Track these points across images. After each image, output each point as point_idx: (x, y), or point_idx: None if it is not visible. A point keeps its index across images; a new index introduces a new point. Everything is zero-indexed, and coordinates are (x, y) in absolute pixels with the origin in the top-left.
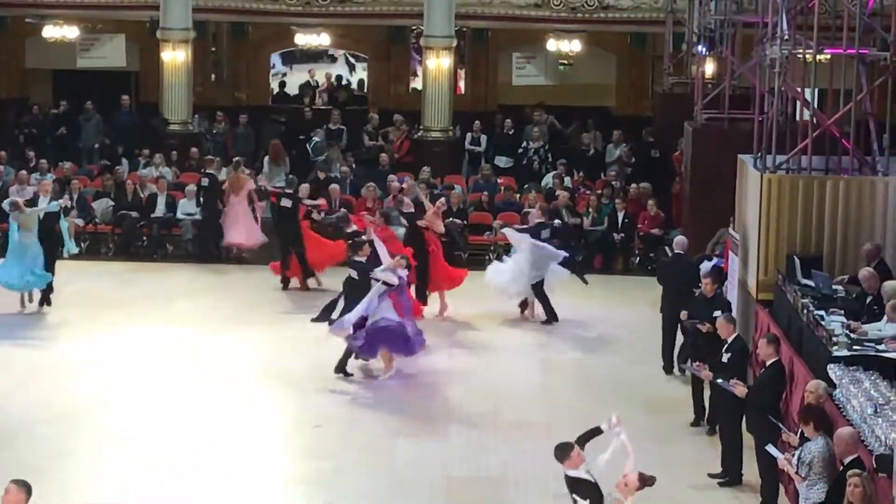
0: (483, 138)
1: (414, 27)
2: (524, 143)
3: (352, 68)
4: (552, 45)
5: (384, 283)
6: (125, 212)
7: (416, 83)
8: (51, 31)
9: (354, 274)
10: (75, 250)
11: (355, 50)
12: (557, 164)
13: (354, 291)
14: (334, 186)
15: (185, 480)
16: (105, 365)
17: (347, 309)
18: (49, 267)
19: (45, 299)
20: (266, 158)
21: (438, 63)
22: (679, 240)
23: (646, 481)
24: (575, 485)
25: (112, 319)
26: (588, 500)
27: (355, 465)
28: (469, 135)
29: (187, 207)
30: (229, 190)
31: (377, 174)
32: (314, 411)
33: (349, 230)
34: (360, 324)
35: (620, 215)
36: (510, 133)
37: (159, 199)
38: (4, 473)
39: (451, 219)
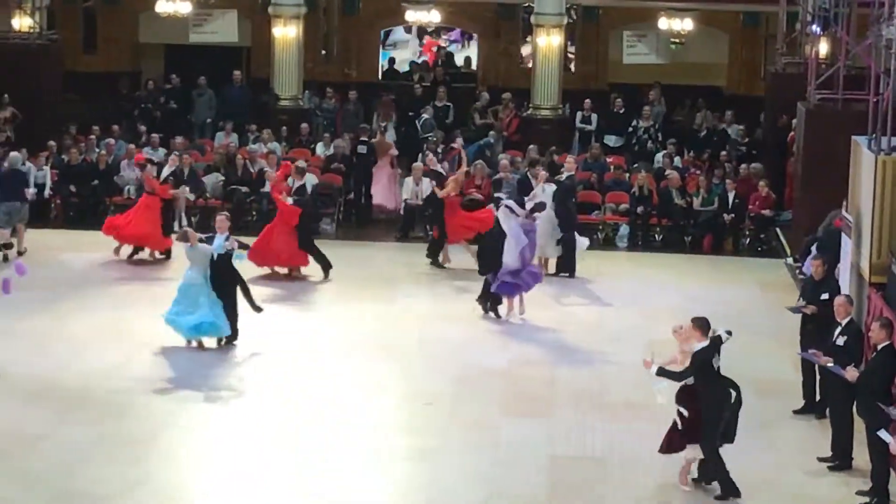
0: (594, 117)
1: (525, 4)
2: (634, 122)
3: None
4: (664, 23)
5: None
6: (235, 186)
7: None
8: (164, 6)
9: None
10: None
11: (465, 27)
12: (667, 144)
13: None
14: (444, 164)
15: (289, 454)
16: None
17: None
18: (230, 312)
19: (230, 339)
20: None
21: (549, 41)
22: (834, 214)
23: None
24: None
25: None
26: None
27: (460, 442)
28: (579, 113)
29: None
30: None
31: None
32: (420, 388)
33: None
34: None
35: (731, 196)
36: (621, 112)
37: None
38: (111, 445)
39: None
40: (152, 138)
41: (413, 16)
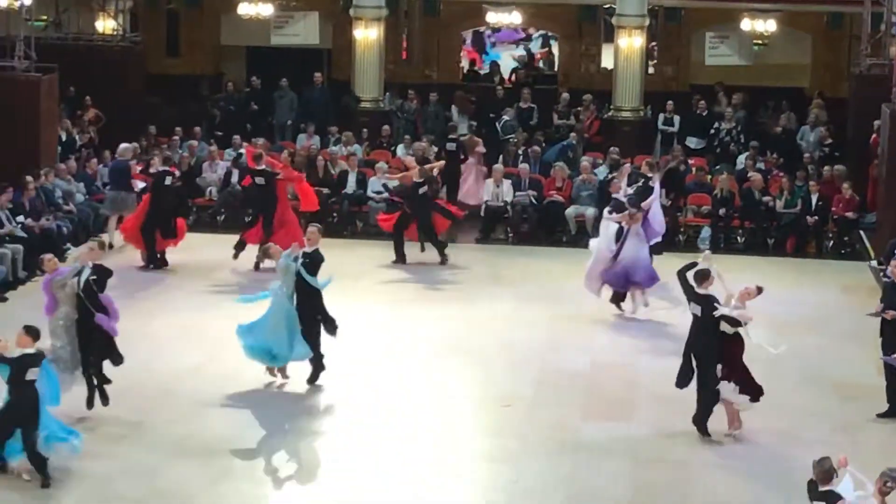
0: (676, 119)
1: (606, 5)
2: (716, 124)
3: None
4: (746, 24)
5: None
6: (316, 188)
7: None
8: (246, 9)
9: None
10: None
11: (546, 28)
12: (749, 146)
13: None
14: (524, 166)
15: (369, 455)
16: None
17: None
18: (310, 334)
19: (314, 376)
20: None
21: (630, 42)
22: None
23: (759, 291)
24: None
25: None
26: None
27: (541, 444)
28: (662, 115)
29: (377, 185)
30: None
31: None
32: (500, 389)
33: None
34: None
35: (814, 198)
36: (703, 114)
37: (350, 176)
38: (192, 444)
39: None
40: (234, 140)
41: (494, 17)
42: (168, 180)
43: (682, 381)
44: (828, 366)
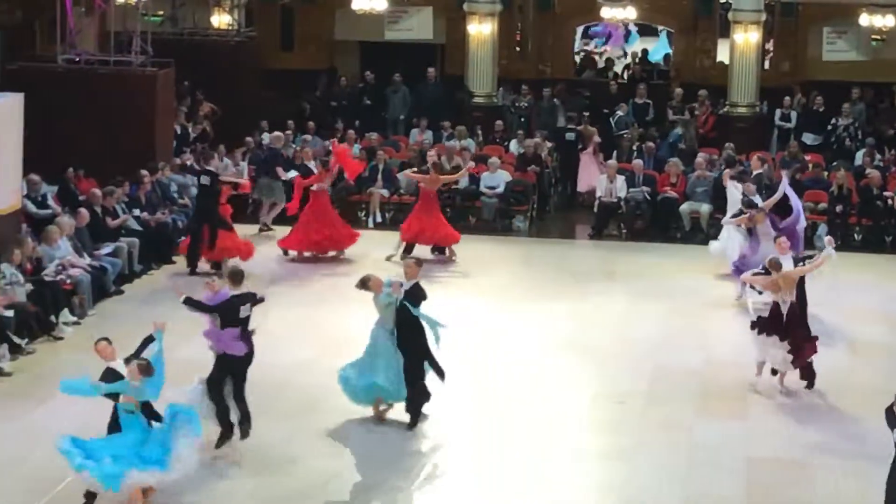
0: (793, 114)
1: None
2: (833, 120)
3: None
4: (865, 19)
5: None
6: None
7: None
8: (360, 4)
9: None
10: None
11: (661, 23)
12: (866, 143)
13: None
14: (637, 161)
15: (482, 451)
16: None
17: None
18: (412, 373)
19: (412, 421)
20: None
21: (746, 37)
22: None
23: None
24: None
25: None
26: None
27: (655, 442)
28: (779, 111)
29: (489, 181)
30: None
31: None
32: (613, 386)
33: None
34: None
35: None
36: (821, 110)
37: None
38: (306, 439)
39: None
40: (348, 135)
41: (609, 12)
42: (205, 180)
43: None
44: None
